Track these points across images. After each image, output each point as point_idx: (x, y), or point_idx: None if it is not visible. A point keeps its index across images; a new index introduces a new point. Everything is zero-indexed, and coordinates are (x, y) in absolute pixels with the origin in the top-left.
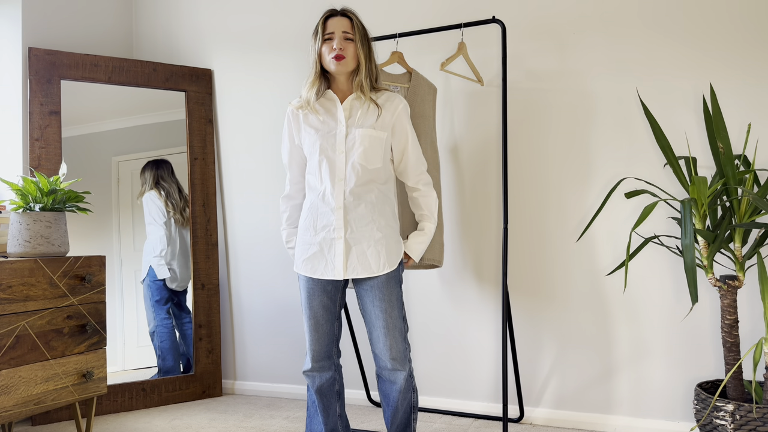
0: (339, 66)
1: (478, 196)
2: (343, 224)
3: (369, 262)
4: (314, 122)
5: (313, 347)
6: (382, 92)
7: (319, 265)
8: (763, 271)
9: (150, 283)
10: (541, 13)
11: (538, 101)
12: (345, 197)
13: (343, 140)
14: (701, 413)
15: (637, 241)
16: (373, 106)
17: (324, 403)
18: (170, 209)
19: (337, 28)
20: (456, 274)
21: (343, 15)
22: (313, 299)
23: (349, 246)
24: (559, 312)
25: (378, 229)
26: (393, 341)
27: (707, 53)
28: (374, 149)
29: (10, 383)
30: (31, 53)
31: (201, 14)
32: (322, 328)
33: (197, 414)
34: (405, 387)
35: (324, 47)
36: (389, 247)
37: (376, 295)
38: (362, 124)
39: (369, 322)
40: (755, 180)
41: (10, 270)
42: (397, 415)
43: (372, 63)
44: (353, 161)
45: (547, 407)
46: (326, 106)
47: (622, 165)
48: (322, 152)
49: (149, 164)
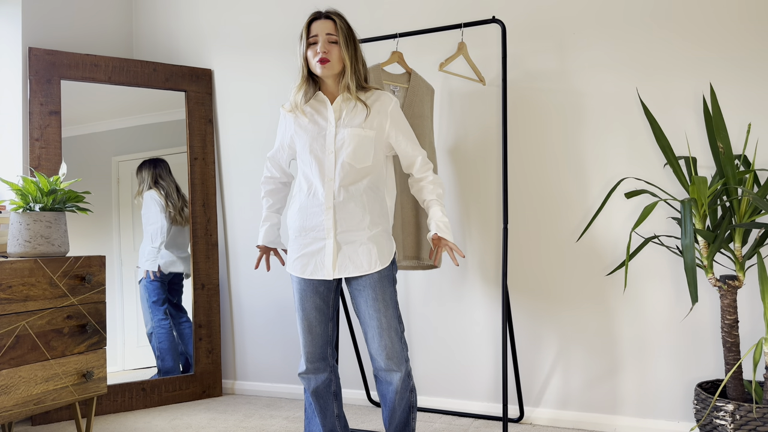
0: (324, 69)
1: (478, 196)
2: (333, 224)
3: (360, 261)
4: (304, 124)
5: (307, 349)
6: (372, 92)
7: (309, 265)
8: (763, 271)
9: (147, 283)
10: (541, 13)
11: (538, 101)
12: (335, 197)
13: (333, 140)
14: (701, 413)
15: (637, 241)
16: (361, 106)
17: (320, 404)
18: (170, 209)
19: (321, 31)
20: (456, 274)
21: (327, 17)
22: (305, 301)
23: (339, 245)
24: (559, 312)
25: (369, 227)
26: (388, 341)
27: (707, 53)
28: (363, 148)
29: (10, 383)
30: (31, 53)
31: (201, 14)
32: (315, 329)
33: (197, 414)
34: (402, 387)
35: (309, 51)
36: (380, 245)
37: (369, 294)
38: (351, 124)
39: (363, 323)
40: (755, 180)
41: (10, 270)
42: (394, 416)
43: (359, 63)
44: (342, 160)
45: (547, 407)
46: (316, 107)
47: (622, 165)
48: (311, 153)
49: (146, 163)
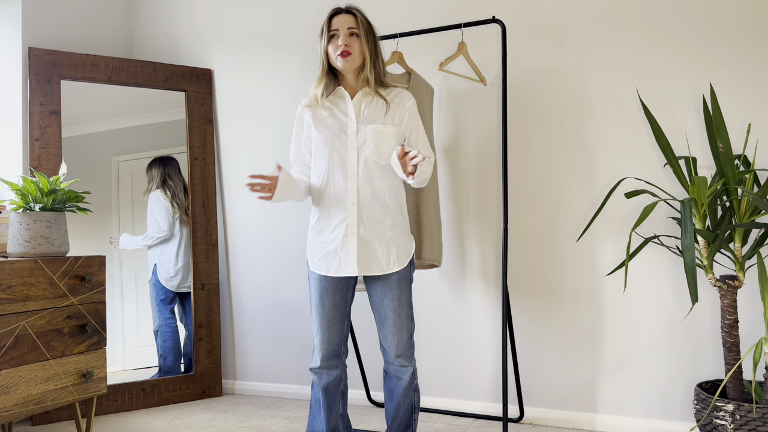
0: (345, 63)
1: (478, 196)
2: (356, 221)
3: (380, 260)
4: (324, 118)
5: (324, 346)
6: (391, 88)
7: (333, 263)
8: (763, 271)
9: (155, 282)
10: (541, 13)
11: (538, 101)
12: (358, 193)
13: (354, 137)
14: (701, 413)
15: (637, 241)
16: (381, 101)
17: (328, 401)
18: (176, 210)
19: (342, 25)
20: (456, 274)
21: (347, 12)
22: (325, 298)
23: (363, 242)
24: (559, 312)
25: (389, 227)
26: (400, 340)
27: (707, 53)
28: (385, 144)
29: (10, 383)
30: (31, 53)
31: (201, 14)
32: (333, 327)
33: (197, 414)
34: (409, 383)
35: (330, 45)
36: (399, 245)
37: (386, 294)
38: (372, 120)
39: (378, 320)
40: (755, 180)
41: (10, 270)
42: (398, 413)
43: (378, 58)
44: (365, 157)
45: (547, 407)
46: (336, 103)
47: (622, 165)
48: (333, 150)
49: (156, 161)
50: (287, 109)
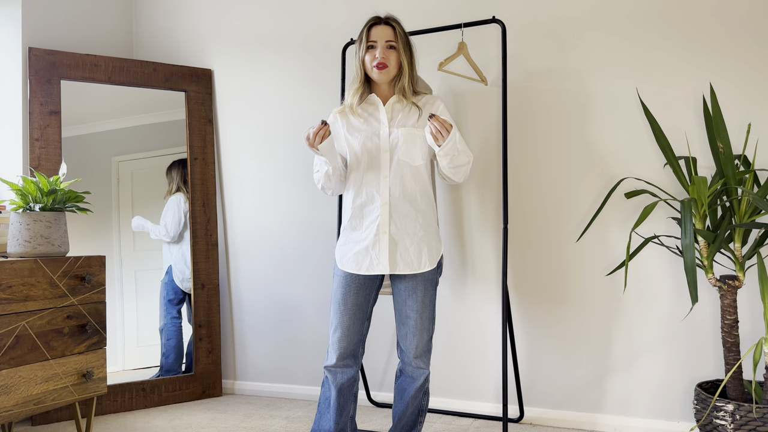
0: (381, 74)
1: (478, 196)
2: (388, 219)
3: (411, 259)
4: (357, 125)
5: (342, 344)
6: (423, 96)
7: (365, 261)
8: (763, 271)
9: (168, 281)
10: (541, 13)
11: (538, 101)
12: (390, 194)
13: (387, 139)
14: (701, 413)
15: (637, 241)
16: (414, 108)
17: (340, 401)
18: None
19: (381, 37)
20: (456, 274)
21: (386, 23)
22: (348, 296)
23: (394, 241)
24: (559, 312)
25: (421, 227)
26: (420, 341)
27: (707, 53)
28: (417, 147)
29: (10, 383)
30: (31, 53)
31: (201, 14)
32: (353, 326)
33: (197, 414)
34: (421, 385)
35: (367, 55)
36: (430, 245)
37: (410, 294)
38: (404, 124)
39: (399, 320)
40: (755, 180)
41: (10, 270)
42: (406, 413)
43: (413, 69)
44: (397, 158)
45: (547, 407)
46: (368, 109)
47: (622, 165)
48: (367, 152)
49: (175, 163)
50: (287, 109)
